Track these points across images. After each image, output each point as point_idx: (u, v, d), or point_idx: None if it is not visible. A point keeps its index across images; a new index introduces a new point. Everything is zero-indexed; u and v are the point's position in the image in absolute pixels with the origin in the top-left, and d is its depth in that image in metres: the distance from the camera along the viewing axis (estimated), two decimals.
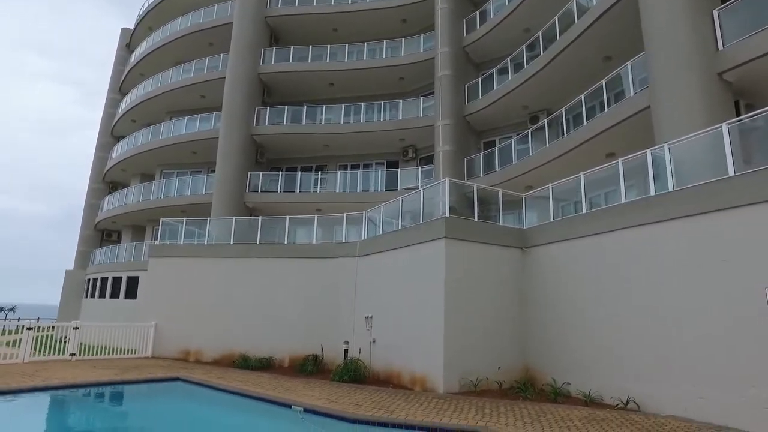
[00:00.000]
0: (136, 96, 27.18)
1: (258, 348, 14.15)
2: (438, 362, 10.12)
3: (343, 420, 7.74)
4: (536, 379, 10.72)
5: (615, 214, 9.58)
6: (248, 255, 15.50)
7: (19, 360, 12.76)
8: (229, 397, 9.90)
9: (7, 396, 9.08)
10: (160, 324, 15.43)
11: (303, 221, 16.66)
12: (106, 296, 22.46)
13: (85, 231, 30.22)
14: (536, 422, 7.44)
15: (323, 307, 14.21)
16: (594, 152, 13.78)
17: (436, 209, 11.99)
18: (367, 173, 21.86)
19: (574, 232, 10.46)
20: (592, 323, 9.74)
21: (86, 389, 10.26)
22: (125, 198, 26.05)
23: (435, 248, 10.73)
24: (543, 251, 11.30)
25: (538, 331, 11.01)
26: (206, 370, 12.66)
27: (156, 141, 24.44)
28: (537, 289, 11.23)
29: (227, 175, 21.42)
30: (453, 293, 10.38)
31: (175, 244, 17.16)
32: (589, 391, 9.32)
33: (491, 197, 13.29)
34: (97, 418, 9.42)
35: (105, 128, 31.89)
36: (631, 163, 9.98)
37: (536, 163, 15.90)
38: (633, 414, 8.17)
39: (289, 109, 22.47)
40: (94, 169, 31.43)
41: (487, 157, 18.85)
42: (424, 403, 8.80)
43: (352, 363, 11.92)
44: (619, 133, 12.89)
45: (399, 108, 21.34)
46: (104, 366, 12.64)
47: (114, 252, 24.73)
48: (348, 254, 14.24)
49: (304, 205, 20.71)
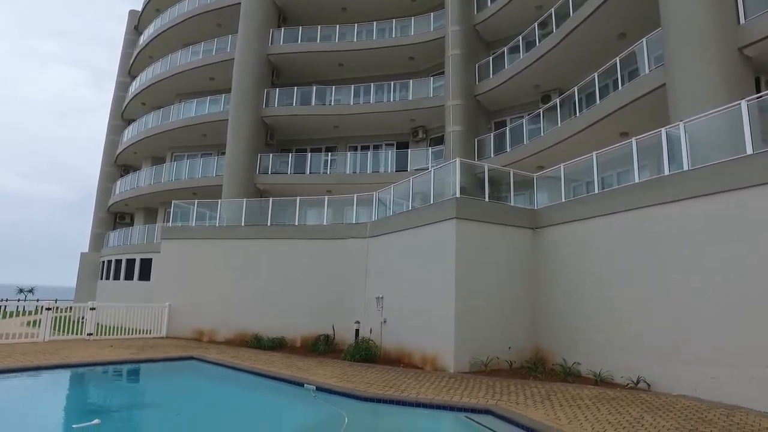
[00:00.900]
0: (145, 79, 27.15)
1: (270, 328, 14.34)
2: (449, 342, 10.20)
3: (354, 398, 7.85)
4: (546, 359, 10.77)
5: (628, 193, 9.48)
6: (259, 236, 15.61)
7: (40, 339, 13.08)
8: (243, 376, 10.09)
9: (31, 372, 9.45)
10: (174, 305, 15.68)
11: (313, 203, 16.71)
12: (121, 278, 22.83)
13: (98, 214, 30.57)
14: (546, 401, 7.50)
15: (334, 288, 14.32)
16: (607, 132, 13.57)
17: (447, 190, 11.95)
18: (377, 154, 21.76)
19: (586, 212, 10.38)
20: (603, 303, 9.73)
21: (104, 367, 10.52)
22: (137, 181, 26.25)
23: (446, 228, 10.72)
24: (554, 231, 11.24)
25: (549, 311, 11.03)
26: (220, 350, 12.88)
27: (166, 124, 24.48)
28: (548, 270, 11.21)
29: (237, 157, 21.46)
30: (464, 273, 10.40)
31: (187, 226, 17.34)
32: (599, 370, 9.35)
33: (502, 178, 13.19)
34: (115, 394, 9.66)
35: (115, 111, 32.00)
36: (645, 142, 9.83)
37: (548, 144, 15.71)
38: (643, 393, 8.19)
39: (298, 91, 22.33)
40: (106, 152, 31.65)
41: (497, 138, 18.65)
42: (434, 382, 8.90)
43: (363, 343, 12.05)
44: (633, 112, 12.66)
45: (409, 88, 21.11)
46: (121, 345, 12.92)
47: (127, 234, 25.05)
48: (359, 235, 14.29)
49: (315, 186, 20.73)
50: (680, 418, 6.46)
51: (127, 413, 8.17)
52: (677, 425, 6.13)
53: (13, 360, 10.00)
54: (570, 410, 6.89)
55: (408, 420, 7.17)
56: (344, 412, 7.11)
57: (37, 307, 15.96)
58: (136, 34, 32.59)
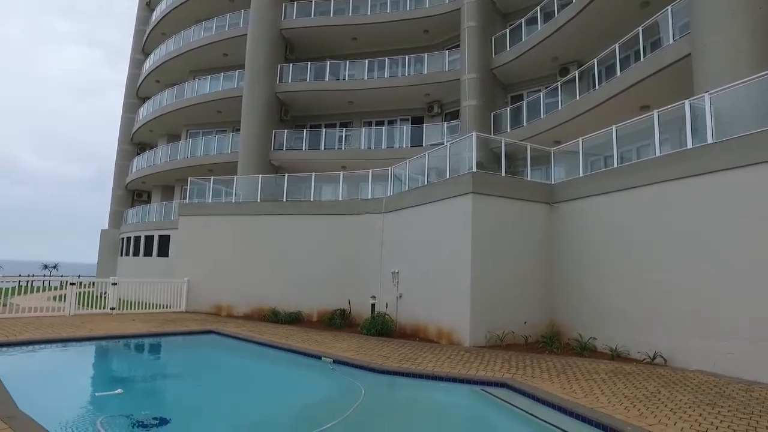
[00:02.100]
0: (158, 56, 27.12)
1: (287, 303, 14.56)
2: (464, 316, 10.25)
3: (371, 371, 7.97)
4: (562, 334, 10.79)
5: (650, 167, 9.28)
6: (275, 212, 15.71)
7: (66, 313, 13.46)
8: (261, 349, 10.29)
9: (59, 344, 9.81)
10: (192, 280, 15.97)
11: (328, 178, 16.71)
12: (140, 254, 23.25)
13: (117, 191, 31.02)
14: (562, 375, 7.53)
15: (350, 263, 14.42)
16: (627, 105, 13.24)
17: (463, 165, 11.86)
18: (392, 129, 21.57)
19: (605, 187, 10.22)
20: (620, 278, 9.65)
21: (127, 340, 10.81)
22: (153, 158, 26.49)
23: (462, 203, 10.67)
24: (572, 206, 11.11)
25: (565, 286, 10.99)
26: (238, 324, 13.14)
27: (180, 101, 24.52)
28: (564, 244, 11.13)
29: (252, 134, 21.47)
30: (480, 248, 10.38)
31: (203, 203, 17.52)
32: (615, 345, 9.35)
33: (518, 152, 13.02)
34: (139, 366, 9.96)
35: (130, 89, 32.11)
36: (667, 115, 9.57)
37: (565, 117, 15.42)
38: (660, 368, 8.18)
39: (312, 66, 22.11)
40: (122, 130, 31.91)
41: (514, 112, 18.34)
42: (450, 356, 8.98)
43: (379, 317, 12.18)
44: (655, 84, 12.31)
45: (424, 62, 20.75)
46: (142, 319, 13.24)
47: (145, 212, 25.40)
48: (374, 210, 14.30)
49: (329, 162, 20.69)
50: (698, 393, 6.45)
51: (151, 384, 8.41)
52: (695, 399, 6.12)
53: (42, 332, 10.35)
54: (586, 384, 6.92)
55: (424, 393, 7.26)
56: (361, 385, 7.23)
57: (61, 283, 16.38)
58: (148, 10, 32.45)
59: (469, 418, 6.64)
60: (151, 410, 6.03)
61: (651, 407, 5.74)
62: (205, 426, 5.78)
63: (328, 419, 5.73)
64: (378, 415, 6.52)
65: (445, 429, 6.16)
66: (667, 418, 5.32)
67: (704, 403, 5.95)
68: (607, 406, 5.78)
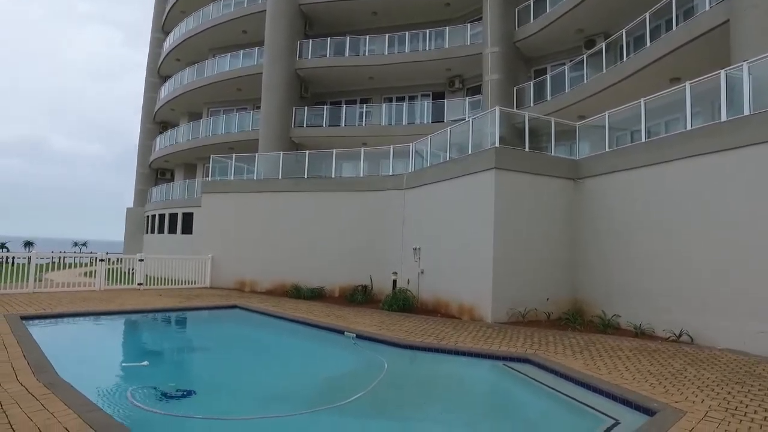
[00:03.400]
0: (178, 35, 27.11)
1: (309, 279, 14.73)
2: (486, 292, 10.23)
3: (394, 345, 8.04)
4: (585, 311, 10.71)
5: (681, 141, 8.99)
6: (297, 189, 15.79)
7: (96, 288, 13.88)
8: (284, 323, 10.47)
9: (91, 317, 10.21)
10: (216, 256, 16.25)
11: (349, 155, 16.67)
12: (165, 231, 23.72)
13: (141, 170, 31.55)
14: (585, 351, 7.49)
15: (371, 239, 14.47)
16: (656, 78, 12.79)
17: (485, 140, 11.68)
18: (413, 105, 21.30)
19: (632, 162, 9.97)
20: (647, 255, 9.48)
21: (155, 314, 11.11)
22: (175, 137, 26.77)
23: (485, 179, 10.54)
24: (597, 182, 10.89)
25: (589, 263, 10.86)
26: (261, 299, 13.37)
27: (201, 79, 24.58)
28: (589, 221, 10.96)
29: (272, 111, 21.46)
30: (502, 224, 10.29)
31: (225, 180, 17.70)
32: (639, 323, 9.24)
33: (542, 127, 12.76)
34: (166, 339, 10.27)
35: (152, 68, 32.31)
36: (700, 87, 9.20)
37: (591, 91, 14.99)
38: (686, 346, 8.07)
39: (331, 42, 21.85)
40: (144, 110, 32.27)
41: (537, 86, 17.91)
42: (472, 332, 9.00)
43: (400, 293, 12.24)
44: (688, 55, 11.83)
45: (445, 36, 20.29)
46: (168, 295, 13.57)
47: (168, 190, 25.81)
48: (395, 187, 14.25)
49: (350, 139, 20.60)
50: (726, 371, 6.35)
51: (177, 356, 8.68)
52: (723, 377, 6.03)
53: (76, 306, 10.73)
54: (610, 360, 6.87)
55: (447, 367, 7.32)
56: (384, 359, 7.31)
57: (91, 259, 16.87)
58: None
59: (493, 392, 6.68)
60: (177, 382, 6.18)
61: (677, 384, 5.67)
62: (230, 398, 5.89)
63: (352, 392, 5.82)
64: (401, 388, 6.59)
65: (469, 403, 6.20)
66: (694, 395, 5.25)
67: (733, 381, 5.86)
68: (632, 382, 5.73)
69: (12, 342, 6.86)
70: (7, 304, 10.43)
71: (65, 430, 3.80)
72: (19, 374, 5.32)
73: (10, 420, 4.00)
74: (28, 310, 9.73)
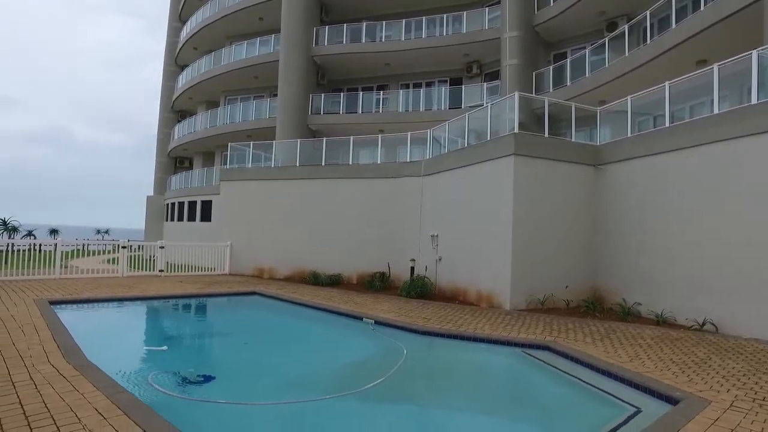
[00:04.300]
0: (195, 23, 27.20)
1: (327, 265, 14.83)
2: (505, 279, 10.18)
3: (412, 332, 8.07)
4: (605, 299, 10.60)
5: (707, 125, 8.76)
6: (314, 176, 15.84)
7: (119, 274, 14.19)
8: (304, 310, 10.56)
9: (116, 302, 10.45)
10: (235, 243, 16.44)
11: (366, 142, 16.63)
12: (184, 219, 24.06)
13: (160, 159, 31.96)
14: (606, 339, 7.42)
15: (389, 226, 14.48)
16: (681, 61, 12.42)
17: (503, 126, 11.54)
18: (430, 91, 21.09)
19: (656, 147, 9.76)
20: (670, 242, 9.32)
21: (176, 300, 11.32)
22: (194, 125, 27.01)
23: (504, 165, 10.43)
24: (618, 168, 10.70)
25: (609, 250, 10.72)
26: (280, 286, 13.51)
27: (218, 67, 24.67)
28: (609, 207, 10.80)
29: (289, 99, 21.48)
30: (521, 211, 10.20)
31: (243, 168, 17.83)
32: (661, 311, 9.13)
33: (561, 113, 12.55)
34: (187, 324, 10.47)
35: (169, 57, 32.51)
36: (728, 69, 8.92)
37: (612, 76, 14.64)
38: (710, 335, 7.94)
39: (348, 28, 21.70)
40: (163, 99, 32.57)
41: (557, 71, 17.56)
42: (491, 319, 8.99)
43: (418, 280, 12.26)
44: (716, 36, 11.43)
45: (462, 21, 19.99)
46: (188, 281, 13.79)
47: (187, 178, 26.13)
48: (413, 173, 14.20)
49: (367, 125, 20.53)
50: (752, 361, 6.23)
51: (198, 341, 8.84)
52: (749, 367, 5.92)
53: (100, 291, 10.98)
54: (631, 348, 6.80)
55: (465, 354, 7.32)
56: (403, 345, 7.34)
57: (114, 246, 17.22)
58: None
59: (512, 379, 6.67)
60: (197, 367, 6.29)
61: (701, 373, 5.59)
62: (250, 383, 5.96)
63: (372, 378, 5.85)
64: (421, 374, 6.63)
65: (489, 390, 6.21)
66: (719, 384, 5.17)
67: (760, 371, 5.75)
68: (654, 371, 5.66)
69: (42, 325, 7.07)
70: (36, 289, 10.75)
71: (94, 410, 3.92)
72: (50, 356, 5.49)
73: (44, 399, 4.15)
74: (56, 296, 10.00)
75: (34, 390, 4.37)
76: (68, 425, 3.61)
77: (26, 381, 4.62)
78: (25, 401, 4.08)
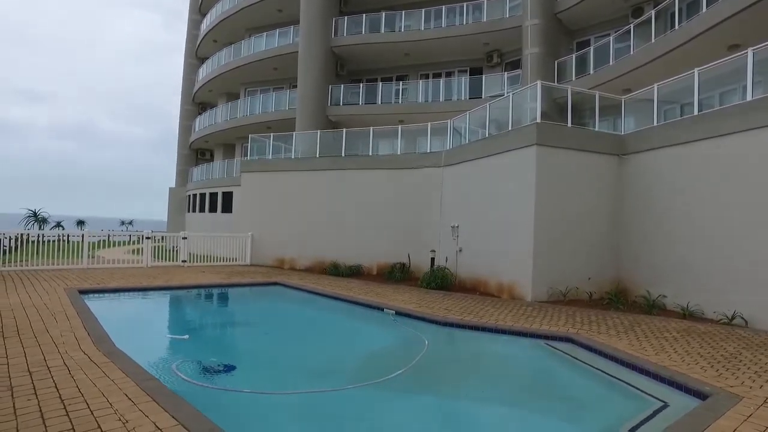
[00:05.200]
0: (215, 15, 27.36)
1: (347, 256, 14.90)
2: (526, 270, 10.10)
3: (434, 323, 8.07)
4: (628, 291, 10.44)
5: (739, 113, 8.49)
6: (334, 167, 15.88)
7: (144, 265, 14.48)
8: (325, 300, 10.64)
9: (140, 292, 10.68)
10: (256, 234, 16.62)
11: (386, 133, 16.58)
12: (205, 210, 24.40)
13: (182, 151, 32.41)
14: (630, 332, 7.31)
15: (409, 217, 14.46)
16: (711, 46, 12.02)
17: (525, 116, 11.38)
18: (450, 82, 20.88)
19: (684, 136, 9.51)
20: (699, 232, 9.10)
21: (199, 290, 11.52)
22: (214, 117, 27.29)
23: (525, 155, 10.31)
24: (644, 158, 10.47)
25: (633, 241, 10.54)
26: (301, 276, 13.63)
27: (237, 60, 24.82)
28: (634, 198, 10.59)
29: (308, 90, 21.52)
30: (543, 201, 10.07)
31: (264, 159, 17.97)
32: (687, 303, 8.95)
33: (584, 102, 12.31)
34: (211, 313, 10.69)
35: (190, 50, 32.82)
36: (762, 54, 8.62)
37: (638, 63, 14.27)
38: (739, 329, 7.76)
39: (366, 18, 21.57)
40: (184, 91, 32.94)
41: (579, 59, 17.20)
42: (512, 310, 8.93)
43: (438, 271, 12.23)
44: (753, 18, 10.97)
45: (483, 9, 19.70)
46: (211, 272, 14.01)
47: (208, 170, 26.46)
48: (433, 164, 14.13)
49: (386, 116, 20.46)
50: None
51: (220, 331, 8.97)
52: None
53: (126, 281, 11.23)
54: (656, 342, 6.68)
55: (487, 345, 7.29)
56: (424, 336, 7.35)
57: (138, 237, 17.56)
58: None
59: (535, 371, 6.62)
60: (219, 357, 6.38)
61: (731, 368, 5.46)
62: (271, 373, 6.00)
63: (395, 368, 5.87)
64: (443, 365, 6.63)
65: (512, 381, 6.18)
66: (752, 380, 5.04)
67: None
68: (681, 365, 5.55)
69: (73, 313, 7.27)
70: (66, 279, 11.05)
71: (124, 395, 4.02)
72: (81, 343, 5.65)
73: (77, 384, 4.29)
74: (84, 285, 10.26)
75: (68, 375, 4.51)
76: (101, 409, 3.72)
77: (60, 366, 4.77)
78: (61, 386, 4.22)
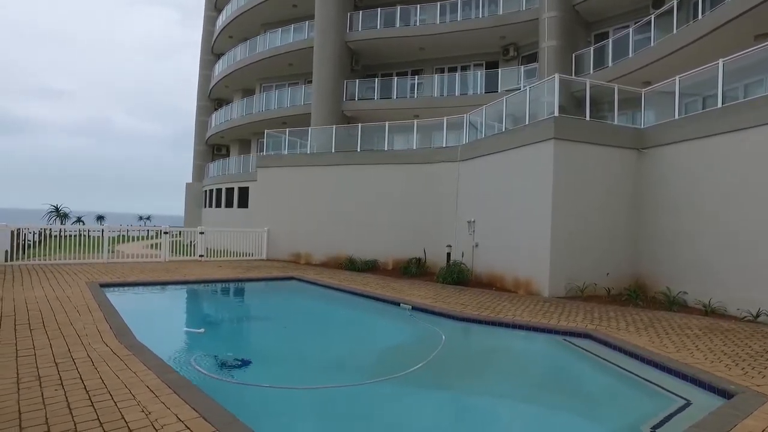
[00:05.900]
0: (230, 11, 27.50)
1: (363, 251, 14.92)
2: (544, 266, 10.01)
3: (450, 318, 8.04)
4: (647, 287, 10.28)
5: (765, 104, 8.26)
6: (350, 162, 15.89)
7: (162, 259, 14.70)
8: (341, 295, 10.69)
9: (159, 286, 10.86)
10: (272, 229, 16.73)
11: (401, 128, 16.53)
12: (222, 206, 24.60)
13: (198, 147, 32.72)
14: (650, 328, 7.20)
15: (425, 212, 14.42)
16: (737, 36, 11.70)
17: (541, 110, 11.25)
18: (465, 76, 20.72)
19: (706, 129, 9.30)
20: (722, 228, 8.91)
21: (215, 284, 11.65)
22: (230, 113, 27.49)
23: (543, 150, 10.19)
24: (664, 152, 10.28)
25: (653, 237, 10.36)
26: (317, 271, 13.69)
27: (253, 55, 24.94)
28: (653, 193, 10.41)
29: (323, 85, 21.55)
30: (561, 196, 9.96)
31: (279, 155, 18.05)
32: (709, 300, 8.78)
33: (602, 95, 12.11)
34: (228, 307, 10.79)
35: (206, 46, 33.06)
36: None
37: (658, 55, 13.97)
38: (765, 327, 7.58)
39: (381, 12, 21.46)
40: (200, 88, 33.20)
41: (597, 52, 16.91)
42: (529, 306, 8.86)
43: (455, 266, 12.19)
44: None
45: (499, 2, 19.46)
46: (227, 266, 14.15)
47: (225, 165, 26.67)
48: (449, 159, 14.05)
49: (401, 111, 20.41)
50: None
51: (238, 324, 9.06)
52: None
53: (145, 275, 11.42)
54: (678, 339, 6.57)
55: (504, 341, 7.25)
56: (441, 331, 7.33)
57: (156, 232, 17.82)
58: None
59: (553, 367, 6.57)
60: (236, 351, 6.43)
61: (758, 367, 5.33)
62: (287, 368, 6.02)
63: (411, 363, 5.86)
64: (460, 360, 6.61)
65: (529, 377, 6.14)
66: None
67: None
68: (704, 362, 5.44)
69: (95, 307, 7.41)
70: (88, 273, 11.26)
71: (146, 387, 4.08)
72: (103, 336, 5.75)
73: (101, 376, 4.37)
74: (105, 279, 10.46)
75: (92, 367, 4.59)
76: (124, 401, 3.78)
77: (84, 358, 4.86)
78: (85, 377, 4.30)
